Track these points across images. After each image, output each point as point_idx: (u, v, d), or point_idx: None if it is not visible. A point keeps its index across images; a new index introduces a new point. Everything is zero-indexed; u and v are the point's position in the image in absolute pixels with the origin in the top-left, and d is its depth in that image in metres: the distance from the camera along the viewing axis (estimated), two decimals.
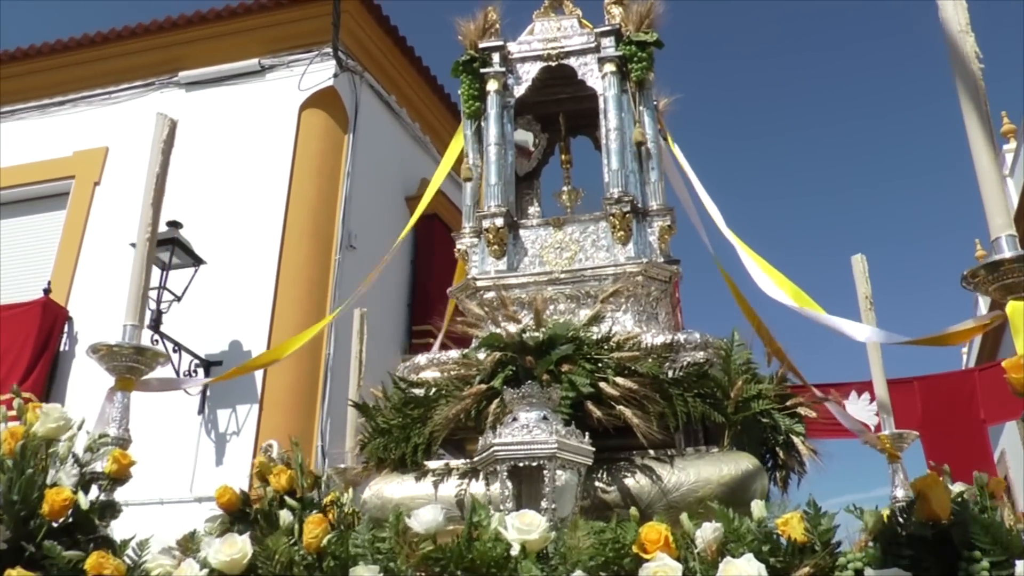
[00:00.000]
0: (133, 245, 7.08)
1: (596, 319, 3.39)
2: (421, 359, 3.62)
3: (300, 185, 8.45)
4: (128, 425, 3.05)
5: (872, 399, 3.88)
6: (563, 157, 4.61)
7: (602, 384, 3.18)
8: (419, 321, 8.97)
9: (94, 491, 2.85)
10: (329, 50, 8.58)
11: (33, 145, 9.27)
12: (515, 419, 2.93)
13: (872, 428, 3.85)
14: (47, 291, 8.24)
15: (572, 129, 4.62)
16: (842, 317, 3.42)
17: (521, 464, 2.84)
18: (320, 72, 8.72)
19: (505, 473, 2.85)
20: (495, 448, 2.85)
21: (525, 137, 4.56)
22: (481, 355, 3.35)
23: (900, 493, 4.04)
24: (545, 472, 2.83)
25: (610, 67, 4.04)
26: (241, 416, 7.78)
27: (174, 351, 7.64)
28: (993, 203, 2.69)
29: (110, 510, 2.83)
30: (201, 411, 7.64)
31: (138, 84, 9.38)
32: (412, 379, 3.54)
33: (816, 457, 3.56)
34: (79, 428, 2.88)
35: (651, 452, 3.32)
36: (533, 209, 4.49)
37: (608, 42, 4.09)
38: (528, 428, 2.87)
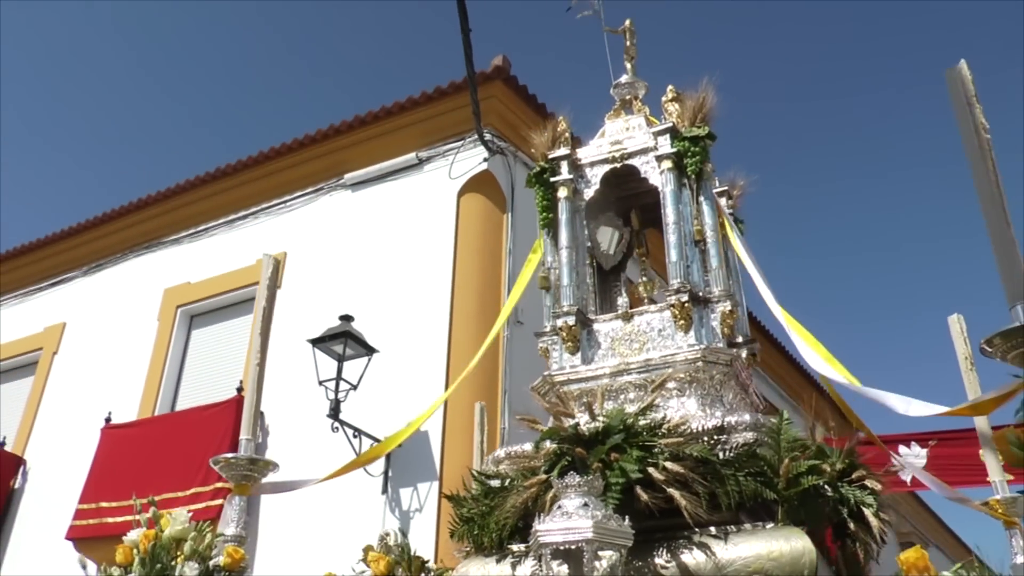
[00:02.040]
0: (310, 342, 7.88)
1: (648, 408, 3.64)
2: (500, 452, 4.00)
3: (464, 268, 8.74)
4: (243, 524, 3.61)
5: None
6: (637, 251, 4.90)
7: (651, 469, 3.43)
8: None
9: None
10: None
11: (223, 257, 10.27)
12: (559, 507, 3.26)
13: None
14: (239, 390, 8.99)
15: (646, 222, 4.91)
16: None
17: (561, 548, 3.15)
18: (474, 157, 9.02)
19: (548, 556, 3.17)
20: (539, 533, 3.18)
21: (606, 234, 4.86)
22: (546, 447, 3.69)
23: (1021, 560, 3.95)
24: (584, 554, 3.13)
25: (667, 163, 4.33)
26: (423, 494, 8.31)
27: (354, 436, 8.14)
28: (1007, 271, 2.78)
29: None
30: (384, 491, 8.23)
31: (309, 190, 10.16)
32: (491, 471, 3.91)
33: (886, 528, 3.61)
34: (200, 530, 3.47)
35: (711, 530, 3.52)
36: (621, 300, 4.78)
37: (664, 140, 4.38)
38: (568, 515, 3.19)
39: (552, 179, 4.55)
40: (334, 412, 7.88)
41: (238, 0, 29.33)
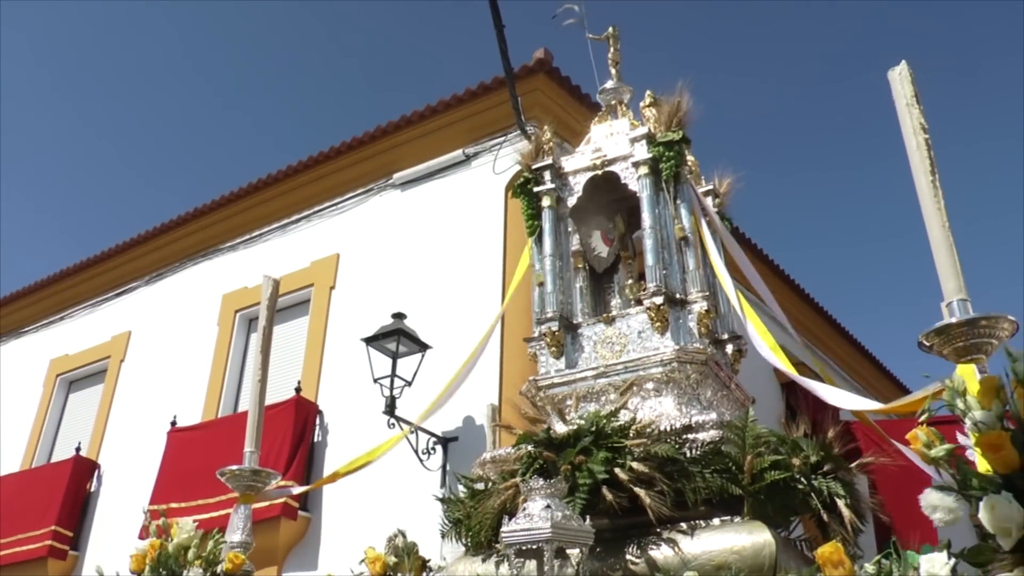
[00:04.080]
0: (363, 340, 8.09)
1: (617, 411, 3.78)
2: (486, 455, 4.20)
3: (514, 260, 8.34)
4: (250, 531, 3.88)
5: None
6: (623, 253, 5.01)
7: (616, 470, 3.59)
8: None
9: None
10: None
11: (277, 261, 10.40)
12: (524, 509, 3.44)
13: None
14: (298, 390, 9.25)
15: (632, 226, 5.01)
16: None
17: (524, 548, 3.34)
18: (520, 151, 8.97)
19: (513, 555, 3.36)
20: (503, 534, 3.37)
21: (598, 238, 4.97)
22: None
23: None
24: (545, 553, 3.31)
25: (643, 169, 4.44)
26: None
27: (411, 432, 8.37)
28: (945, 269, 2.88)
29: None
30: (443, 485, 8.32)
31: (360, 191, 10.27)
32: (478, 473, 4.11)
33: (859, 521, 3.69)
34: (207, 538, 3.75)
35: (682, 525, 3.66)
36: (615, 302, 4.90)
37: (640, 146, 4.48)
38: (530, 516, 3.37)
39: (535, 189, 4.70)
40: (390, 409, 7.89)
41: (281, 8, 29.90)
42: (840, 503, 3.70)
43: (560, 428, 3.81)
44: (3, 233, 31.92)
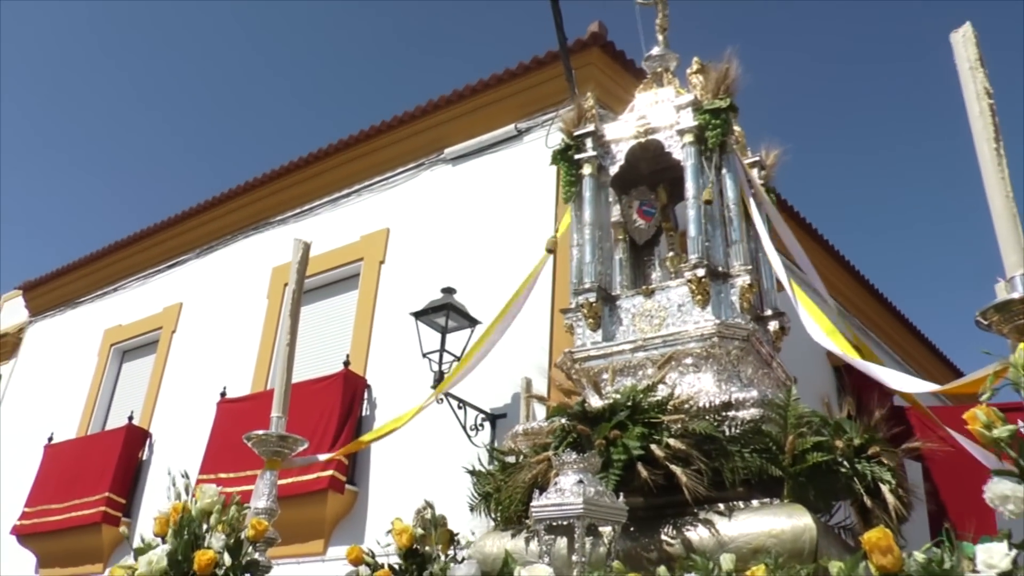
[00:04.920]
0: (413, 314, 8.04)
1: (655, 386, 3.65)
2: (519, 428, 4.09)
3: (565, 236, 8.60)
4: (275, 497, 3.84)
5: None
6: (665, 225, 4.85)
7: (652, 446, 3.46)
8: None
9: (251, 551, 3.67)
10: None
11: (327, 235, 10.40)
12: (555, 483, 3.33)
13: None
14: (346, 364, 9.21)
15: (675, 197, 4.85)
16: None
17: (554, 524, 3.24)
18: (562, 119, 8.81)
19: (543, 531, 3.26)
20: (533, 509, 3.27)
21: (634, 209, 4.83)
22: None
23: None
24: (576, 530, 3.20)
25: (688, 137, 4.28)
26: None
27: (459, 407, 8.21)
28: (1007, 241, 2.71)
29: (254, 568, 3.62)
30: (491, 462, 8.28)
31: (411, 166, 10.18)
32: (509, 447, 4.01)
33: (904, 508, 3.53)
34: (236, 504, 3.71)
35: (719, 506, 3.53)
36: (656, 275, 4.75)
37: (686, 113, 4.32)
38: (562, 491, 3.27)
39: (576, 156, 4.57)
40: (438, 383, 7.60)
41: None
42: (884, 488, 3.54)
43: (595, 402, 3.70)
44: (60, 205, 32.65)
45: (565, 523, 3.23)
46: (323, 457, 5.28)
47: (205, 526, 3.68)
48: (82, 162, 31.95)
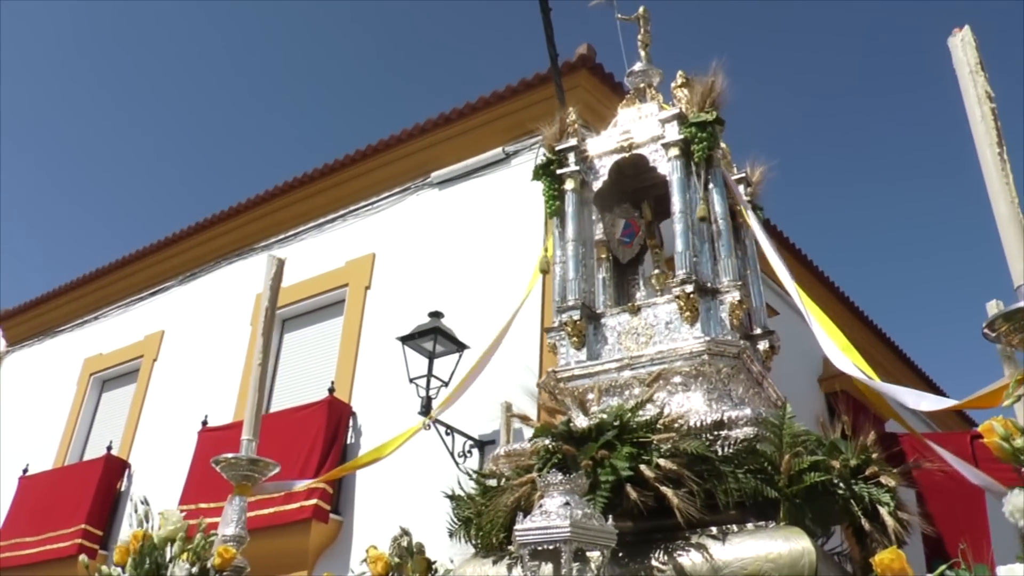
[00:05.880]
0: (399, 339, 7.86)
1: (643, 404, 3.51)
2: (500, 450, 3.94)
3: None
4: (244, 524, 3.67)
5: None
6: (650, 242, 4.74)
7: (642, 467, 3.31)
8: None
9: None
10: None
11: (312, 261, 10.36)
12: (541, 506, 3.18)
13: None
14: (331, 390, 9.09)
15: (660, 213, 4.74)
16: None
17: (540, 549, 3.08)
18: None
19: (527, 557, 3.10)
20: (517, 533, 3.11)
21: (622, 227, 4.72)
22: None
23: None
24: (563, 555, 3.05)
25: (674, 151, 4.18)
26: None
27: (447, 434, 7.87)
28: (1013, 249, 2.60)
29: None
30: None
31: (397, 190, 10.12)
32: (491, 469, 3.85)
33: (905, 529, 3.39)
34: (201, 531, 3.54)
35: (712, 530, 3.38)
36: (640, 294, 4.64)
37: (671, 127, 4.22)
38: (547, 514, 3.11)
39: (559, 171, 4.46)
40: (425, 409, 7.60)
41: (317, 7, 29.98)
42: (883, 511, 3.39)
43: (582, 421, 3.55)
44: (38, 232, 32.40)
45: (551, 547, 3.07)
46: (300, 484, 5.06)
47: (169, 554, 3.51)
48: (61, 187, 31.75)
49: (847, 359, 3.65)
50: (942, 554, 3.62)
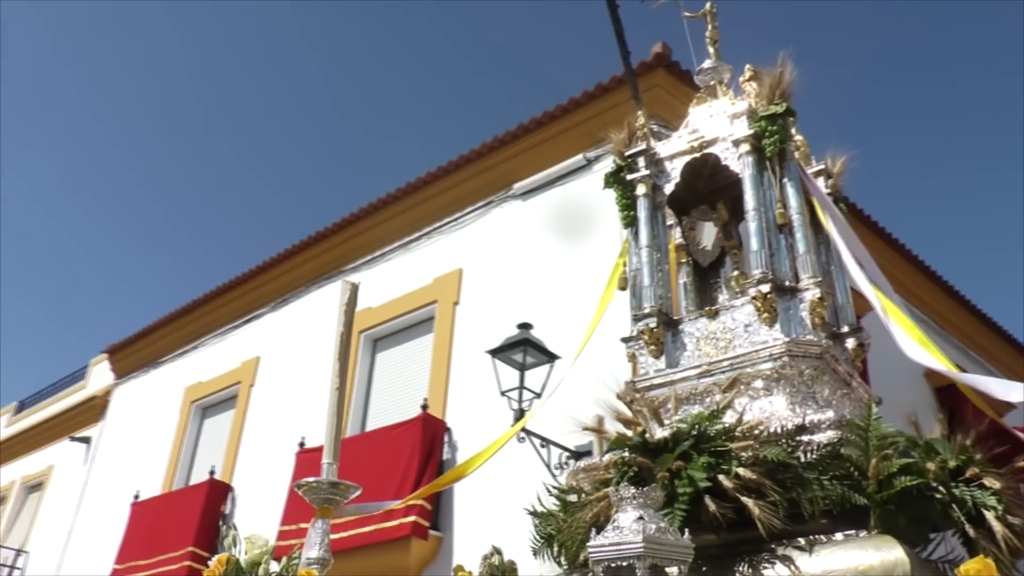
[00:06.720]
0: (489, 352, 7.80)
1: (721, 411, 3.38)
2: (580, 464, 3.84)
3: None
4: (328, 547, 3.66)
5: None
6: (727, 243, 4.58)
7: (720, 477, 3.19)
8: None
9: None
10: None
11: (400, 279, 10.47)
12: (614, 521, 3.08)
13: None
14: (424, 407, 9.11)
15: (736, 213, 4.58)
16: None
17: (613, 564, 2.97)
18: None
19: (601, 573, 3.00)
20: (590, 550, 3.02)
21: (702, 230, 4.58)
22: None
23: None
24: (637, 571, 2.94)
25: (744, 147, 4.03)
26: None
27: (541, 446, 7.72)
28: None
29: None
30: None
31: (480, 204, 10.13)
32: (571, 484, 3.77)
33: (1017, 539, 3.15)
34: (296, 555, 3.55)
35: (799, 541, 3.23)
36: (723, 297, 4.49)
37: (740, 122, 4.08)
38: (620, 529, 3.01)
39: (628, 177, 4.35)
40: (518, 422, 7.24)
41: (395, 28, 30.46)
42: (989, 515, 3.17)
43: (657, 432, 3.44)
44: (139, 268, 33.57)
45: (625, 564, 2.97)
46: (386, 506, 5.01)
47: None
48: (156, 225, 32.96)
49: (923, 351, 3.45)
50: None
